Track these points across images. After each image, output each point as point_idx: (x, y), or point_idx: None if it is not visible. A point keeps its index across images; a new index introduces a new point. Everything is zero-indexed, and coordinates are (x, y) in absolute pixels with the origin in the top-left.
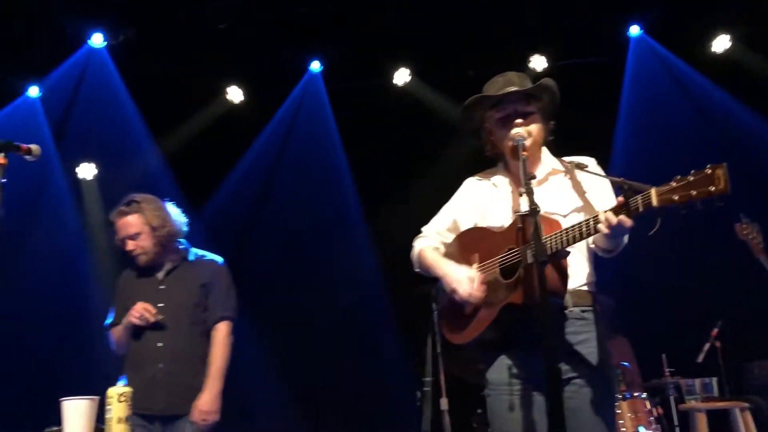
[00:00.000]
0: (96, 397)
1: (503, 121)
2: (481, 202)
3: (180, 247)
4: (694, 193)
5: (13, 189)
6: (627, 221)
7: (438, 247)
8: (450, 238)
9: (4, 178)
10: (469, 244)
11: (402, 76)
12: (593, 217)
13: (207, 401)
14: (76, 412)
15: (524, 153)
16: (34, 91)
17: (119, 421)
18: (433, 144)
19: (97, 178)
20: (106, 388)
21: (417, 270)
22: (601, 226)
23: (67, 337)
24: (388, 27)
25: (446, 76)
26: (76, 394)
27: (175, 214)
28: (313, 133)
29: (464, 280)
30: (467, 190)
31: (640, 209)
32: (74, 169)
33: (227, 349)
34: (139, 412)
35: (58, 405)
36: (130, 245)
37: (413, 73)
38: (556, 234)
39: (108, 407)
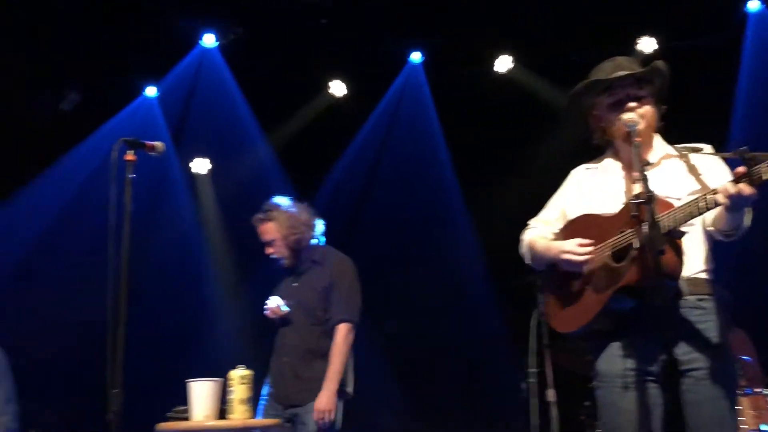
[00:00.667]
0: (220, 379)
1: (614, 106)
2: (591, 190)
3: (314, 247)
4: None
5: (138, 184)
6: (746, 189)
7: (546, 236)
8: (558, 228)
9: (132, 174)
10: (578, 232)
11: (504, 64)
12: (711, 191)
13: (323, 401)
14: (201, 392)
15: (637, 139)
16: (151, 91)
17: (240, 402)
18: (535, 132)
19: (211, 172)
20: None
21: (528, 262)
22: (720, 197)
23: (190, 321)
24: (489, 14)
25: (549, 62)
26: (200, 376)
27: (306, 218)
28: (415, 124)
29: (570, 244)
30: (575, 179)
31: (764, 177)
32: (189, 165)
33: (344, 351)
34: (273, 398)
35: (185, 386)
36: (269, 250)
37: (515, 60)
38: (670, 212)
39: (230, 389)
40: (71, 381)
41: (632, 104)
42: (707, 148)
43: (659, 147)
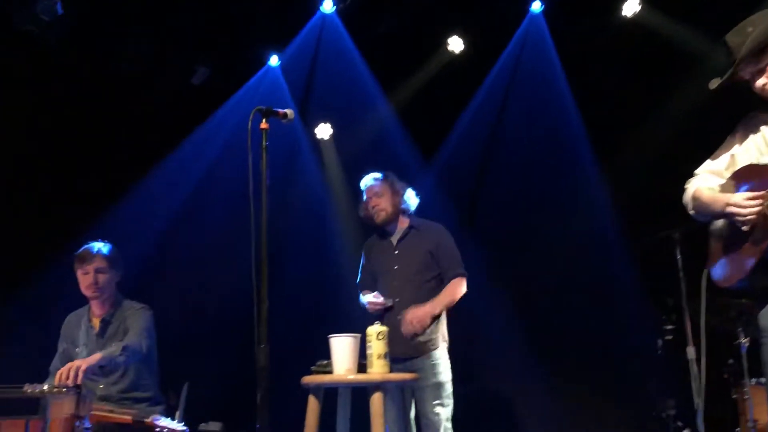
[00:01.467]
0: (358, 335)
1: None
2: (761, 138)
3: (409, 216)
4: None
5: (272, 152)
6: None
7: (713, 187)
8: (725, 177)
9: (267, 142)
10: (742, 182)
11: (631, 6)
12: None
13: (419, 311)
14: (342, 346)
15: None
16: (274, 60)
17: (378, 357)
18: (667, 77)
19: (334, 137)
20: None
21: (691, 213)
22: None
23: (325, 280)
24: None
25: (679, 1)
26: (339, 332)
27: (408, 191)
28: (538, 76)
29: (738, 197)
30: (746, 125)
31: None
32: (313, 131)
33: (457, 293)
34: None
35: (327, 341)
36: (374, 201)
37: (643, 1)
38: None
39: (369, 344)
40: (222, 338)
41: None
42: None
43: None
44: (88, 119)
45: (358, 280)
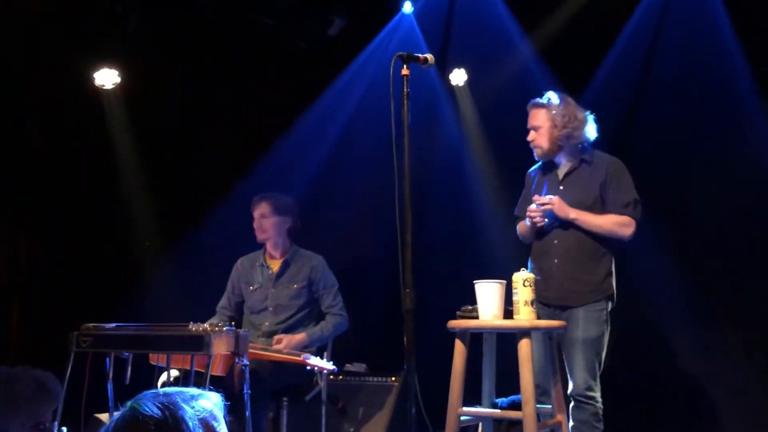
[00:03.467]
0: (504, 281)
1: None
2: None
3: (582, 150)
4: None
5: (413, 98)
6: None
7: None
8: None
9: (408, 88)
10: None
11: None
12: None
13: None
14: (488, 292)
15: None
16: (408, 7)
17: (525, 303)
18: None
19: (469, 83)
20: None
21: None
22: None
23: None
24: None
25: None
26: (484, 278)
27: (582, 117)
28: (692, 13)
29: None
30: None
31: None
32: (448, 78)
33: (617, 227)
34: (540, 300)
35: (470, 288)
36: (531, 135)
37: None
38: None
39: (515, 290)
40: (368, 283)
41: None
42: None
43: None
44: (232, 72)
45: (516, 209)
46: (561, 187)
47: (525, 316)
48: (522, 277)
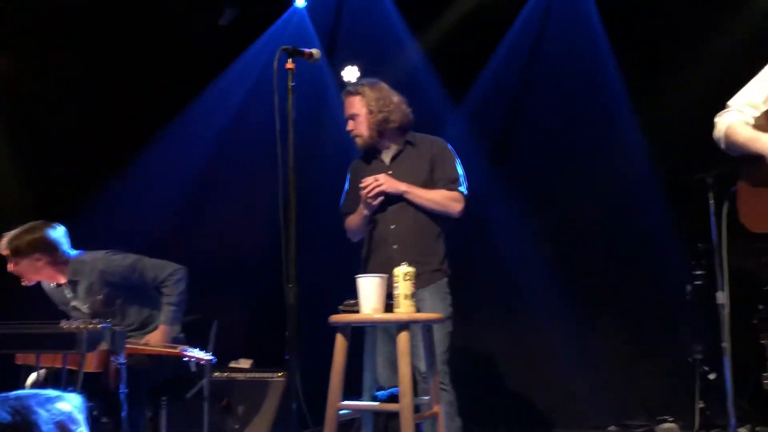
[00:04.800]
0: (386, 275)
1: None
2: None
3: (404, 132)
4: None
5: (299, 93)
6: None
7: (749, 121)
8: (761, 111)
9: (293, 82)
10: None
11: None
12: None
13: (386, 179)
14: (369, 286)
15: None
16: (300, 2)
17: (405, 297)
18: (711, 14)
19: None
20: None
21: (722, 147)
22: None
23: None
24: None
25: None
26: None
27: (399, 99)
28: (571, 13)
29: None
30: None
31: None
32: (340, 74)
33: (447, 202)
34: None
35: (354, 282)
36: (350, 125)
37: None
38: None
39: (395, 284)
40: (252, 279)
41: None
42: None
43: None
44: (117, 60)
45: (341, 203)
46: (390, 172)
47: (404, 309)
48: (403, 272)
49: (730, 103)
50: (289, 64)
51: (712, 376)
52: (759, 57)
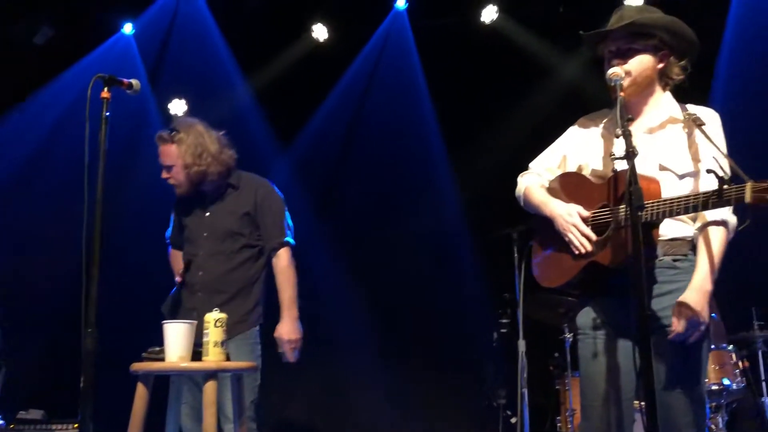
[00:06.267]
0: (194, 321)
1: (608, 59)
2: (590, 142)
3: (226, 175)
4: None
5: (114, 123)
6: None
7: (545, 184)
8: (556, 175)
9: (108, 112)
10: (568, 189)
11: (489, 14)
12: (694, 196)
13: (288, 330)
14: (176, 333)
15: (621, 93)
16: (128, 28)
17: (215, 344)
18: (521, 84)
19: (188, 114)
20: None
21: (522, 206)
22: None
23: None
24: None
25: (535, 13)
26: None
27: (217, 149)
28: (398, 71)
29: (575, 215)
30: (578, 128)
31: (732, 203)
32: (167, 105)
33: (293, 275)
34: None
35: (161, 327)
36: (164, 174)
37: (500, 10)
38: (653, 203)
39: (205, 331)
40: (48, 321)
41: (616, 60)
42: (713, 118)
43: (666, 106)
44: None
45: (168, 236)
46: (207, 214)
47: (213, 357)
48: (214, 318)
49: (531, 165)
50: (105, 93)
51: (513, 420)
52: (561, 122)
